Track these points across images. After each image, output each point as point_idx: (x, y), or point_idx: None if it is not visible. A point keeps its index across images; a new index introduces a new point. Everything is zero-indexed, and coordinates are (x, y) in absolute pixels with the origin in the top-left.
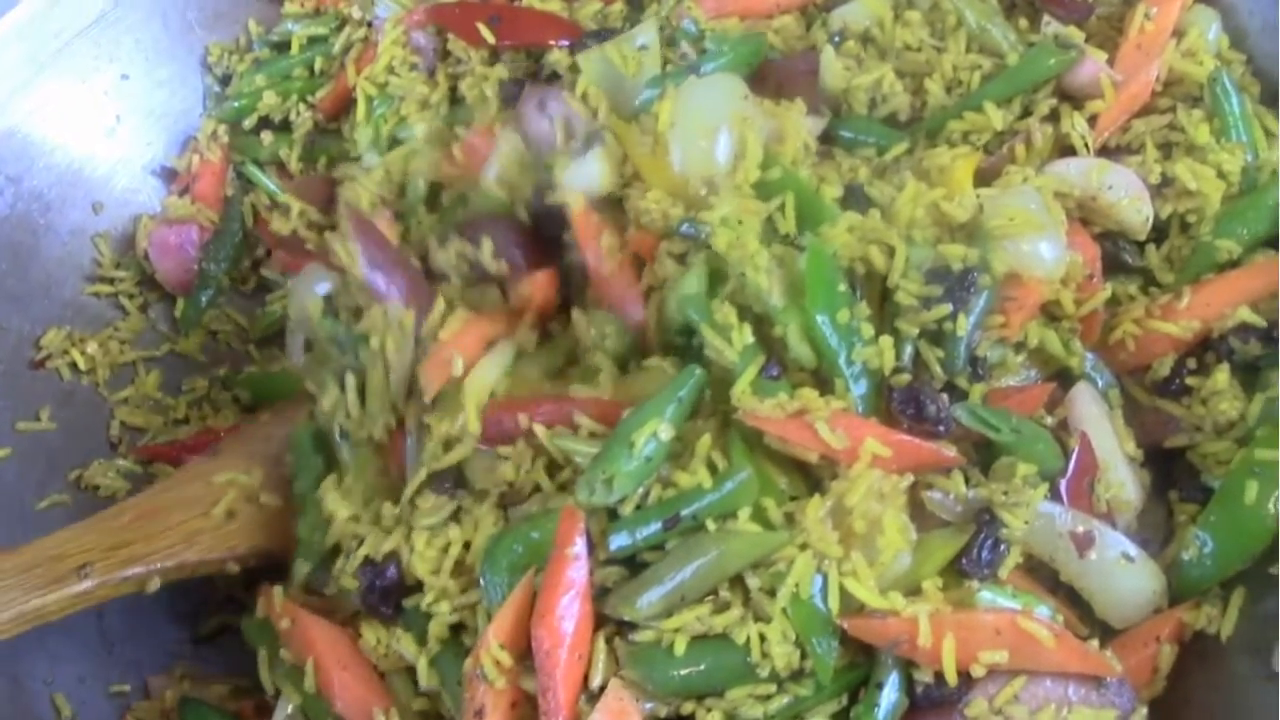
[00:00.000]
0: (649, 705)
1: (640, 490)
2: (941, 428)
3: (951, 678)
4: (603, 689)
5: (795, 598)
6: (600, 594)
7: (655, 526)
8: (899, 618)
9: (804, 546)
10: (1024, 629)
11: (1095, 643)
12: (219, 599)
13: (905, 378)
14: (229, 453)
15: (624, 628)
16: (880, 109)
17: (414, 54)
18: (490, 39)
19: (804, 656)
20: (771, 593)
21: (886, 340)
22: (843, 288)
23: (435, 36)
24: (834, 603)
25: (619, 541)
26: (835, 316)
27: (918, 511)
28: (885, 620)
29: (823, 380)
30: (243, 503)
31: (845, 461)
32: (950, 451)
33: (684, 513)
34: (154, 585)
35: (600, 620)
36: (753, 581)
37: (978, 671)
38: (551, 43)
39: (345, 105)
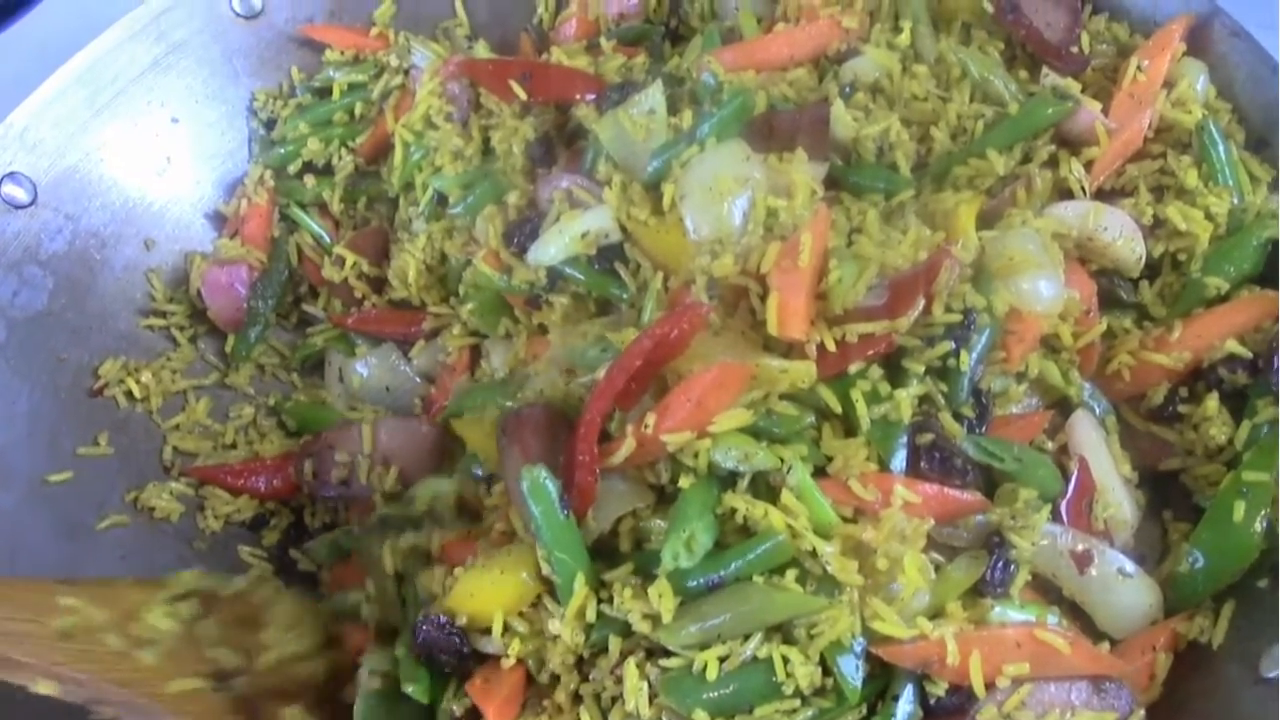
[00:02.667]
0: None
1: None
2: (967, 478)
3: (980, 691)
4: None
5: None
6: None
7: (700, 582)
8: (928, 641)
9: (847, 607)
10: (1042, 639)
11: (1106, 645)
12: None
13: (930, 437)
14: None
15: (654, 655)
16: (888, 156)
17: (449, 103)
18: (522, 95)
19: (826, 673)
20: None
21: (902, 395)
22: None
23: (469, 87)
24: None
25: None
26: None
27: (929, 541)
28: (915, 645)
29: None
30: (83, 633)
31: (879, 510)
32: (975, 497)
33: (725, 574)
34: None
35: (631, 648)
36: (796, 632)
37: (1003, 683)
38: (578, 97)
39: (384, 149)
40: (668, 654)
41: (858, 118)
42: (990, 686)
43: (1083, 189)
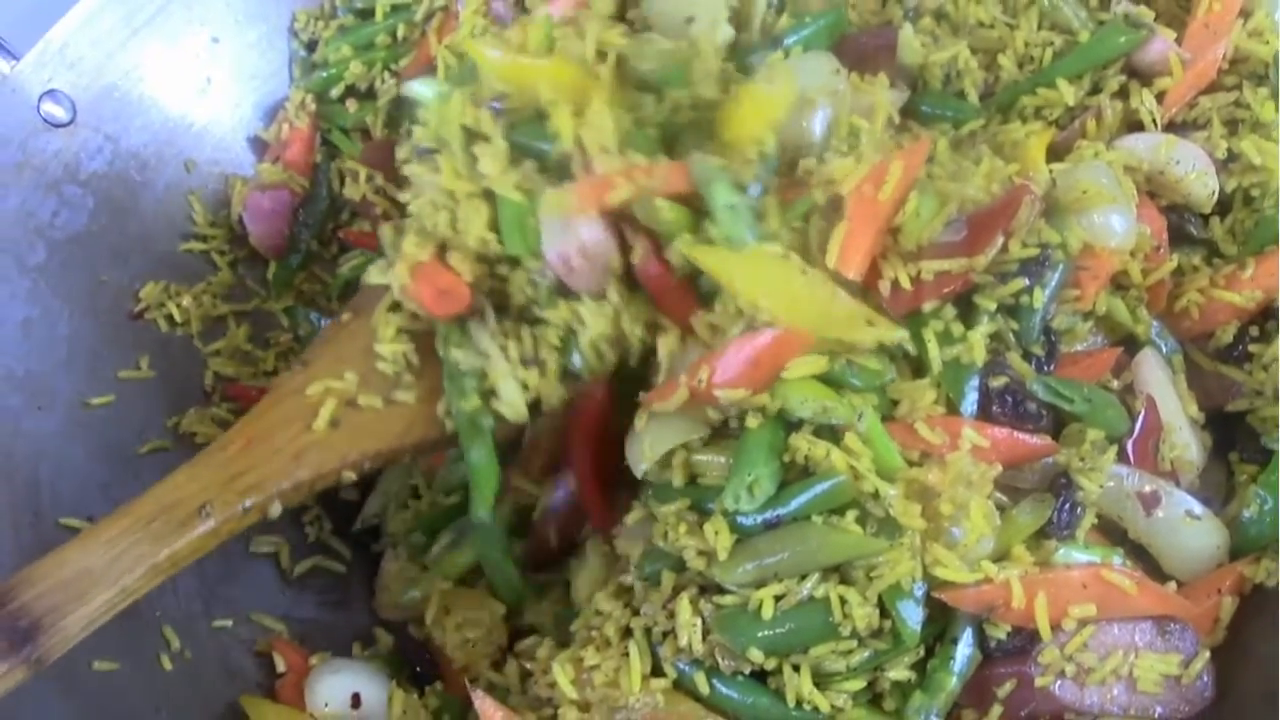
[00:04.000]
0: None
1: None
2: (1040, 423)
3: (1046, 633)
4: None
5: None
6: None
7: (757, 520)
8: (992, 584)
9: (908, 550)
10: (1108, 580)
11: (1173, 584)
12: (308, 545)
13: (1004, 380)
14: (317, 361)
15: (707, 592)
16: (955, 84)
17: (494, 22)
18: None
19: (884, 615)
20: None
21: (975, 337)
22: None
23: (514, 5)
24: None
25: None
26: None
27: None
28: (980, 589)
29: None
30: (343, 409)
31: (945, 454)
32: (1045, 441)
33: (783, 513)
34: (275, 511)
35: (684, 583)
36: (854, 574)
37: (1069, 625)
38: None
39: (428, 72)
40: (721, 591)
41: (925, 43)
42: (1056, 628)
43: (1154, 121)
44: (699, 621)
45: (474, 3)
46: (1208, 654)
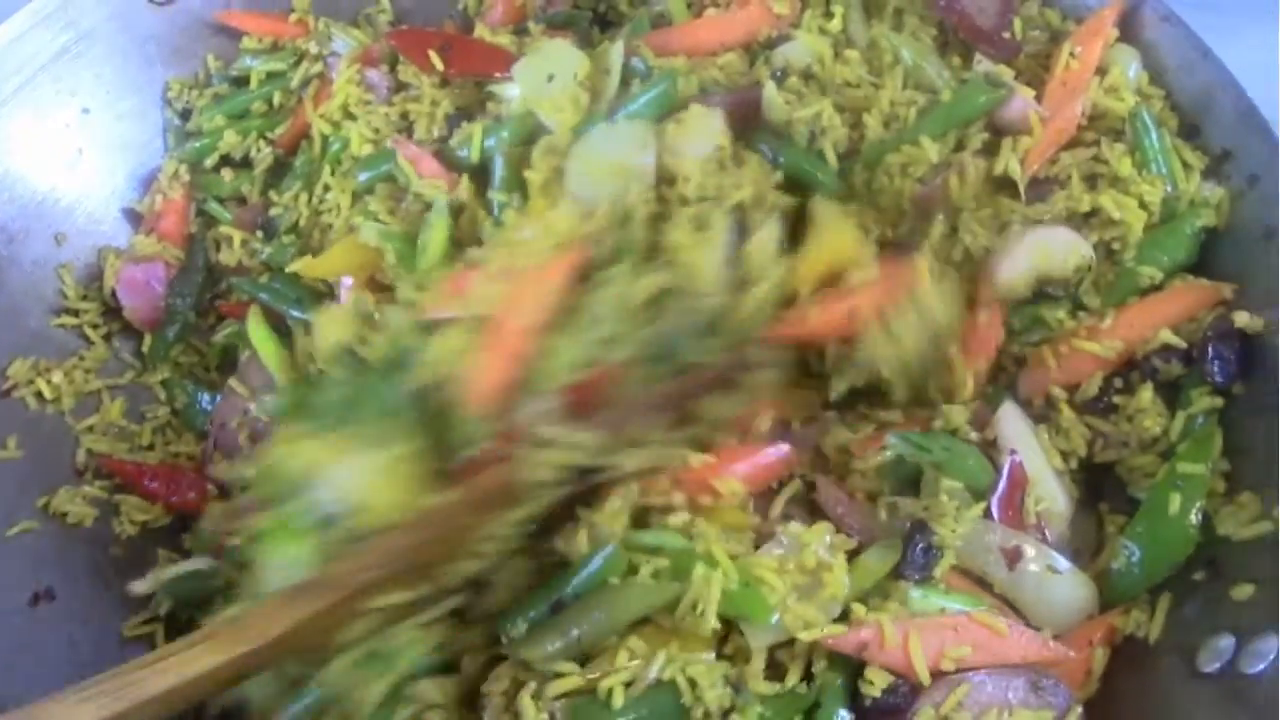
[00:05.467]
0: None
1: None
2: None
3: (925, 677)
4: None
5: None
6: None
7: (544, 610)
8: (863, 624)
9: (706, 567)
10: (980, 622)
11: (1048, 631)
12: None
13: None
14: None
15: (544, 682)
16: (820, 141)
17: (367, 91)
18: (439, 66)
19: (737, 693)
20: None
21: None
22: None
23: (389, 74)
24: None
25: (516, 630)
26: None
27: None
28: (854, 631)
29: None
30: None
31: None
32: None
33: (565, 594)
34: None
35: (524, 677)
36: (666, 621)
37: (947, 666)
38: (497, 74)
39: (303, 138)
40: (559, 675)
41: (790, 101)
42: (936, 675)
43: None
44: (547, 718)
45: (348, 72)
46: (1080, 709)
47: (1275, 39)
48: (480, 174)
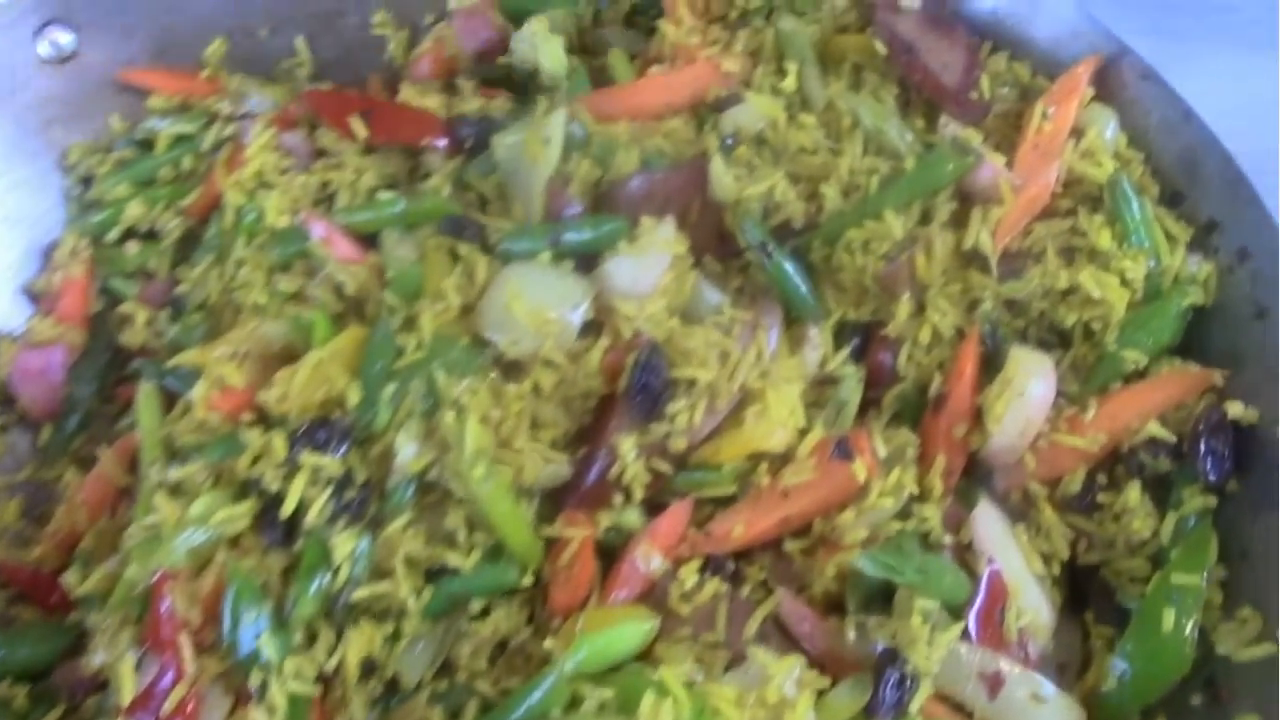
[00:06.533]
0: None
1: None
2: None
3: None
4: None
5: None
6: None
7: None
8: None
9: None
10: None
11: None
12: None
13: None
14: None
15: None
16: (774, 217)
17: (285, 157)
18: (362, 134)
19: None
20: None
21: None
22: None
23: (308, 138)
24: None
25: None
26: None
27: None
28: None
29: None
30: None
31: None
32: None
33: None
34: None
35: None
36: None
37: None
38: (426, 142)
39: (216, 207)
40: None
41: (740, 176)
42: None
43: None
44: None
45: (263, 136)
46: None
47: (1234, 66)
48: None
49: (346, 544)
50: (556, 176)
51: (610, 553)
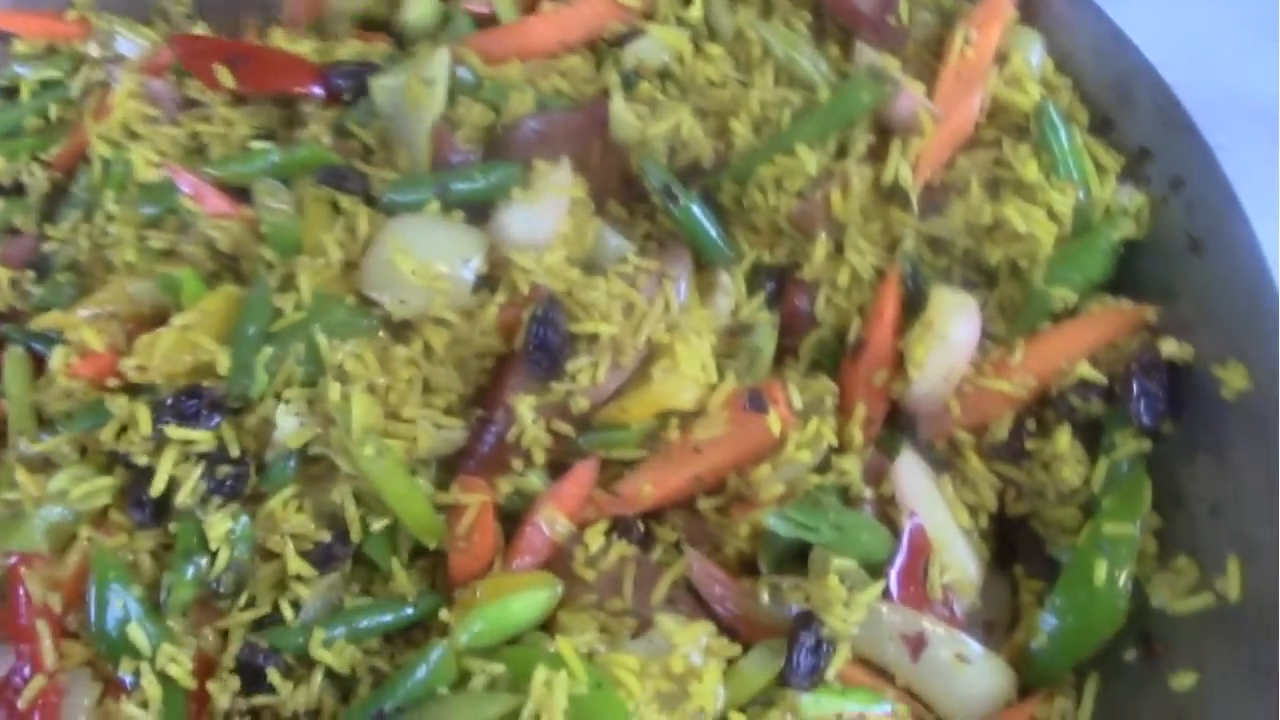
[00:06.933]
0: None
1: None
2: None
3: None
4: None
5: None
6: None
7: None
8: None
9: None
10: None
11: None
12: None
13: None
14: None
15: None
16: (681, 157)
17: (152, 105)
18: (229, 84)
19: None
20: None
21: None
22: None
23: (175, 86)
24: None
25: None
26: None
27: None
28: None
29: None
30: None
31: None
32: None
33: (386, 708)
34: None
35: None
36: None
37: None
38: (299, 90)
39: (81, 161)
40: None
41: (642, 114)
42: None
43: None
44: None
45: (129, 82)
46: None
47: None
48: None
49: (222, 524)
50: (443, 122)
51: (514, 519)
